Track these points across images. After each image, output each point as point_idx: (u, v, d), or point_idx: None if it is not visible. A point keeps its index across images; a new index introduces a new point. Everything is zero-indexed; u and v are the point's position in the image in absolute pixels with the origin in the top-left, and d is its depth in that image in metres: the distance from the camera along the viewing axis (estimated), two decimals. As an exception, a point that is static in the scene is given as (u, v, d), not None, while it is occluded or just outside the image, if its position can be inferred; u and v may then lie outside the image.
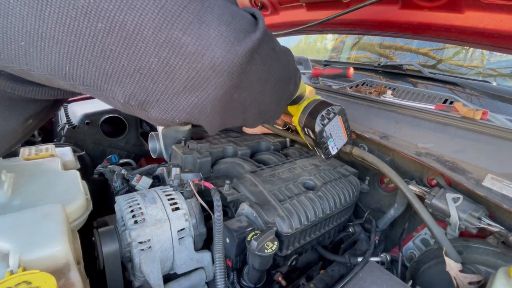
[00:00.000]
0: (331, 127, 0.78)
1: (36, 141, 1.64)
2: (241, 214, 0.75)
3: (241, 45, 0.36)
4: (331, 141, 0.80)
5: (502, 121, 1.02)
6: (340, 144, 0.84)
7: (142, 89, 0.35)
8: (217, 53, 0.34)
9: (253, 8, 0.46)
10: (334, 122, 0.79)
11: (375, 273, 0.60)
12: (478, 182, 0.68)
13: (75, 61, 0.32)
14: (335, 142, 0.82)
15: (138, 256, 0.66)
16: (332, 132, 0.80)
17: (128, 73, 0.33)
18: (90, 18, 0.29)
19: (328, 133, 0.78)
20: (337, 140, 0.83)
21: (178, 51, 0.33)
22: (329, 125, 0.77)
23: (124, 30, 0.31)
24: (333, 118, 0.78)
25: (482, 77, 1.56)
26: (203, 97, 0.37)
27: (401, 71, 1.59)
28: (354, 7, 0.92)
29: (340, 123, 0.82)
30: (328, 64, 1.98)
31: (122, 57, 0.32)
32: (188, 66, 0.34)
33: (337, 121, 0.80)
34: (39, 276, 0.42)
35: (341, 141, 0.85)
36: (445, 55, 1.76)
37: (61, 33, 0.30)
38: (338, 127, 0.82)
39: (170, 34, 0.32)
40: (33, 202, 0.66)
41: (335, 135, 0.81)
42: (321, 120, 0.76)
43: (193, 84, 0.36)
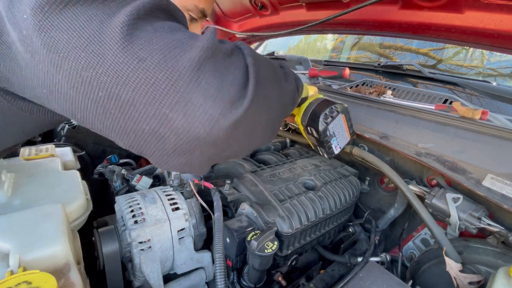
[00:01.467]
0: (334, 126, 0.78)
1: (36, 141, 1.64)
2: (241, 214, 0.75)
3: (226, 119, 0.38)
4: (334, 140, 0.80)
5: (502, 121, 1.02)
6: (343, 143, 0.84)
7: (138, 145, 0.40)
8: (202, 129, 0.37)
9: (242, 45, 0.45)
10: (337, 121, 0.79)
11: (375, 273, 0.60)
12: (478, 182, 0.68)
13: (84, 113, 0.38)
14: (338, 141, 0.82)
15: (138, 256, 0.66)
16: (336, 130, 0.79)
17: (125, 132, 0.38)
18: (93, 87, 0.35)
19: (331, 131, 0.78)
20: (340, 138, 0.83)
21: (166, 124, 0.37)
22: (333, 123, 0.77)
23: (120, 101, 0.35)
24: (336, 116, 0.77)
25: (482, 77, 1.55)
26: (191, 159, 0.42)
27: (401, 71, 1.59)
28: (354, 7, 0.92)
29: (343, 121, 0.81)
30: (328, 64, 1.98)
31: (120, 120, 0.37)
32: (175, 137, 0.38)
33: (340, 120, 0.79)
34: (39, 276, 0.42)
35: (344, 140, 0.84)
36: (445, 55, 1.76)
37: (71, 91, 0.36)
38: (341, 126, 0.81)
39: (159, 110, 0.36)
40: (33, 202, 0.66)
41: (338, 133, 0.81)
42: (325, 118, 0.75)
43: (182, 150, 0.40)
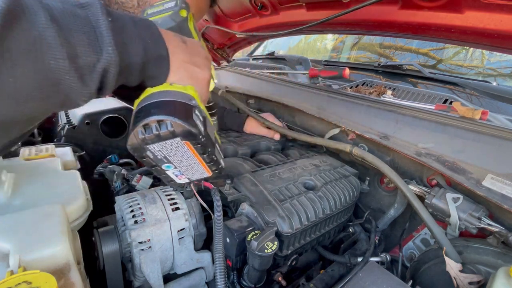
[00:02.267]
0: (164, 149, 0.48)
1: (36, 141, 1.64)
2: (241, 214, 0.75)
3: None
4: (169, 167, 0.53)
5: (502, 121, 1.02)
6: (195, 175, 0.58)
7: None
8: None
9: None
10: (172, 145, 0.48)
11: (375, 273, 0.60)
12: (478, 182, 0.68)
13: None
14: (182, 170, 0.55)
15: (138, 256, 0.66)
16: (170, 155, 0.50)
17: None
18: None
19: (158, 155, 0.49)
20: (186, 168, 0.54)
21: None
22: (158, 145, 0.47)
23: None
24: (169, 139, 0.46)
25: (482, 77, 1.55)
26: None
27: (401, 71, 1.59)
28: (354, 7, 0.92)
29: (188, 150, 0.50)
30: (328, 64, 1.98)
31: None
32: None
33: (179, 146, 0.48)
34: (39, 276, 0.42)
35: (198, 173, 0.57)
36: (445, 55, 1.76)
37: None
38: (185, 155, 0.51)
39: None
40: (33, 202, 0.66)
41: (180, 162, 0.52)
42: (142, 132, 0.45)
43: None
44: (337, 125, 1.00)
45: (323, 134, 1.05)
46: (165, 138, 0.46)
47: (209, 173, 0.58)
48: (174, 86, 0.48)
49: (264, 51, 2.54)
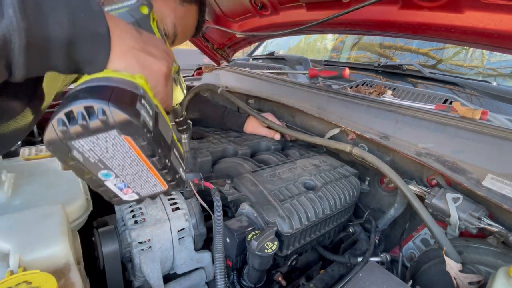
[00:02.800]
0: (97, 148, 0.36)
1: (36, 141, 1.64)
2: (241, 214, 0.75)
3: None
4: (108, 175, 0.40)
5: (502, 121, 1.02)
6: (145, 189, 0.44)
7: None
8: None
9: None
10: (108, 142, 0.36)
11: (375, 273, 0.60)
12: (478, 182, 0.68)
13: None
14: (126, 180, 0.41)
15: (138, 256, 0.66)
16: (107, 158, 0.37)
17: None
18: None
19: (91, 156, 0.37)
20: (132, 177, 0.41)
21: None
22: (89, 141, 0.35)
23: None
24: (102, 131, 0.35)
25: (482, 77, 1.56)
26: None
27: (401, 71, 1.59)
28: (354, 7, 0.92)
29: (132, 150, 0.37)
30: (328, 64, 1.98)
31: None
32: None
33: (118, 143, 0.36)
34: (39, 276, 0.42)
35: (148, 185, 0.44)
36: (445, 55, 1.76)
37: None
38: (129, 157, 0.38)
39: None
40: (33, 202, 0.66)
41: (120, 166, 0.39)
42: (63, 122, 0.33)
43: None
44: (337, 125, 1.00)
45: (323, 134, 1.05)
46: (96, 131, 0.34)
47: (164, 186, 0.45)
48: (117, 73, 0.38)
49: (264, 51, 2.54)
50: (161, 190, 0.45)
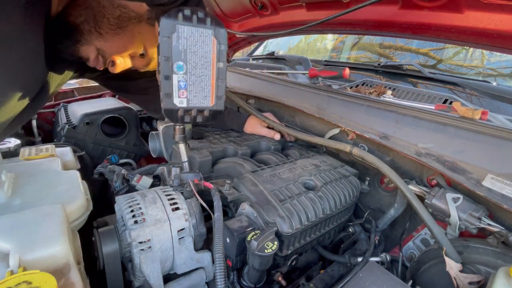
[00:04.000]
0: (190, 39, 0.46)
1: (36, 141, 1.64)
2: (241, 214, 0.75)
3: None
4: (181, 68, 0.48)
5: (502, 121, 1.02)
6: (196, 98, 0.51)
7: None
8: None
9: None
10: (200, 37, 0.46)
11: (375, 273, 0.60)
12: (478, 182, 0.68)
13: None
14: (189, 79, 0.49)
15: (138, 256, 0.66)
16: (191, 51, 0.47)
17: None
18: None
19: (182, 43, 0.46)
20: (194, 80, 0.49)
21: None
22: (189, 29, 0.46)
23: None
24: (203, 26, 0.46)
25: (482, 77, 1.55)
26: None
27: (401, 71, 1.59)
28: (354, 7, 0.92)
29: (211, 51, 0.48)
30: (328, 64, 1.98)
31: None
32: None
33: (206, 41, 0.47)
34: (39, 276, 0.42)
35: (201, 95, 0.51)
36: (445, 55, 1.76)
37: None
38: (205, 57, 0.48)
39: None
40: (33, 202, 0.66)
41: (194, 64, 0.48)
42: (184, 10, 0.45)
43: None
44: (337, 125, 1.00)
45: (323, 134, 1.05)
46: (199, 23, 0.48)
47: (212, 101, 0.54)
48: None
49: (264, 51, 2.54)
50: (206, 105, 0.54)
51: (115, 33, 0.72)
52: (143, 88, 1.10)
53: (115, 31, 0.72)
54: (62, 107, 1.71)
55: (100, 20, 0.69)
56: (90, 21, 0.69)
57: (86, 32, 0.71)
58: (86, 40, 0.72)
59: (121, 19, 0.71)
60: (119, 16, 0.70)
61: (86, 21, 0.69)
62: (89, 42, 0.72)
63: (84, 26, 0.70)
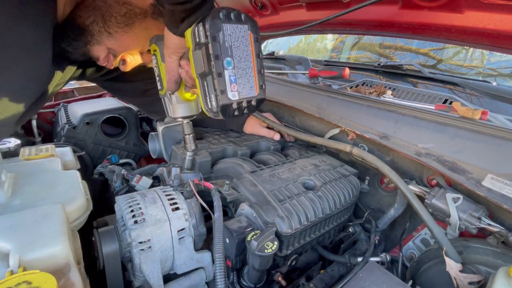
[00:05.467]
0: (233, 35, 0.53)
1: (36, 141, 1.64)
2: (241, 214, 0.75)
3: None
4: (229, 63, 0.54)
5: (502, 121, 1.02)
6: (245, 90, 0.57)
7: None
8: None
9: None
10: (240, 33, 0.54)
11: (375, 273, 0.60)
12: (478, 182, 0.68)
13: None
14: (237, 73, 0.55)
15: (138, 256, 0.66)
16: (235, 46, 0.54)
17: None
18: None
19: (227, 40, 0.53)
20: (241, 72, 0.56)
21: None
22: (231, 27, 0.53)
23: None
24: (240, 23, 0.54)
25: (482, 77, 1.56)
26: None
27: (401, 71, 1.59)
28: (354, 7, 0.92)
29: (249, 45, 0.56)
30: (328, 64, 1.98)
31: None
32: None
33: (245, 36, 0.54)
34: (39, 276, 0.42)
35: (247, 86, 0.57)
36: (445, 55, 1.76)
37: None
38: (246, 50, 0.55)
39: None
40: (33, 202, 0.66)
41: (239, 57, 0.55)
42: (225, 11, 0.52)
43: None
44: (337, 125, 1.00)
45: (323, 134, 1.05)
46: (237, 21, 0.54)
47: (256, 90, 0.60)
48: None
49: (264, 51, 2.54)
50: (253, 95, 0.59)
51: (124, 31, 0.73)
52: (142, 91, 1.10)
53: (123, 29, 0.73)
54: (62, 107, 1.71)
55: (108, 20, 0.70)
56: (98, 21, 0.70)
57: (96, 33, 0.72)
58: (97, 40, 0.73)
59: (127, 16, 0.71)
60: (126, 13, 0.71)
61: (95, 22, 0.70)
62: (100, 42, 0.73)
63: (93, 27, 0.71)
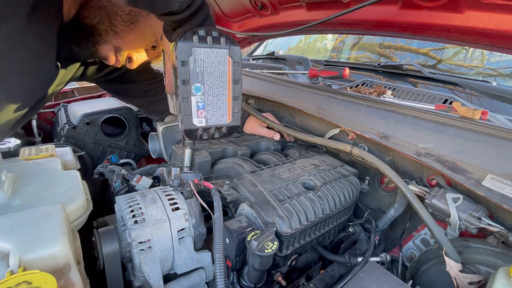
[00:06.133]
0: (207, 60, 0.49)
1: (36, 141, 1.64)
2: (241, 214, 0.75)
3: None
4: (199, 90, 0.50)
5: (502, 121, 1.02)
6: (215, 116, 0.54)
7: None
8: None
9: None
10: (216, 57, 0.50)
11: (375, 273, 0.60)
12: (478, 182, 0.68)
13: None
14: (207, 99, 0.52)
15: (138, 256, 0.66)
16: (208, 72, 0.50)
17: None
18: None
19: (199, 65, 0.49)
20: (212, 99, 0.52)
21: None
22: (205, 51, 0.48)
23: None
24: (218, 47, 0.50)
25: (482, 77, 1.56)
26: None
27: (401, 71, 1.59)
28: (354, 7, 0.92)
29: (227, 70, 0.52)
30: (328, 64, 1.98)
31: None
32: None
33: (222, 60, 0.50)
34: (39, 276, 0.42)
35: (218, 113, 0.54)
36: (445, 55, 1.76)
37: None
38: (221, 77, 0.52)
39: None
40: (33, 202, 0.66)
41: (211, 84, 0.51)
42: (200, 33, 0.48)
43: None
44: (337, 125, 1.00)
45: (323, 134, 1.05)
46: (215, 44, 0.50)
47: (229, 118, 0.57)
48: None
49: (264, 51, 2.54)
50: (224, 122, 0.57)
51: (129, 29, 0.74)
52: (142, 91, 1.10)
53: (129, 27, 0.73)
54: (62, 107, 1.71)
55: (113, 18, 0.71)
56: (104, 20, 0.71)
57: (103, 32, 0.72)
58: (104, 40, 0.73)
59: (132, 14, 0.72)
60: (130, 11, 0.71)
61: (101, 21, 0.71)
62: (107, 41, 0.74)
63: (100, 27, 0.71)
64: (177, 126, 1.02)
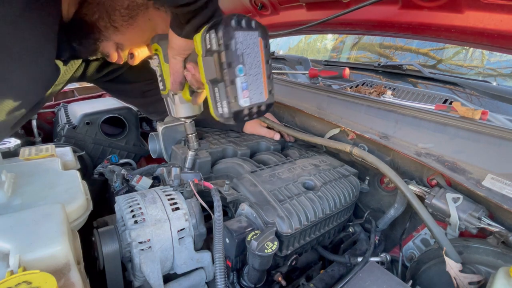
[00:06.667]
0: (245, 42, 0.53)
1: (36, 141, 1.64)
2: (240, 214, 0.75)
3: None
4: (241, 71, 0.54)
5: (502, 121, 1.02)
6: (256, 96, 0.57)
7: None
8: None
9: None
10: (250, 40, 0.54)
11: (375, 273, 0.60)
12: (478, 182, 0.68)
13: None
14: (249, 80, 0.55)
15: (138, 256, 0.66)
16: (246, 53, 0.54)
17: None
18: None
19: (239, 48, 0.53)
20: (252, 79, 0.56)
21: None
22: (243, 34, 0.53)
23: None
24: (251, 30, 0.54)
25: (482, 77, 1.56)
26: None
27: (401, 71, 1.59)
28: (354, 7, 0.92)
29: (259, 51, 0.56)
30: (328, 64, 1.98)
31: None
32: None
33: (255, 42, 0.55)
34: (39, 276, 0.42)
35: (258, 92, 0.57)
36: (445, 55, 1.76)
37: None
38: (256, 57, 0.56)
39: None
40: (33, 202, 0.66)
41: (250, 64, 0.55)
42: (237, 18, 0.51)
43: None
44: (337, 125, 1.00)
45: (323, 134, 1.05)
46: (248, 28, 0.53)
47: (266, 95, 0.60)
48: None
49: (264, 51, 2.54)
50: (262, 100, 0.59)
51: (129, 24, 0.74)
52: (142, 91, 1.10)
53: (128, 21, 0.73)
54: (62, 107, 1.71)
55: (112, 14, 0.71)
56: (104, 16, 0.71)
57: (103, 29, 0.72)
58: (105, 36, 0.73)
59: (130, 8, 0.72)
60: (128, 5, 0.71)
61: (100, 18, 0.71)
62: (108, 38, 0.74)
63: (100, 23, 0.71)
64: (177, 126, 1.02)
